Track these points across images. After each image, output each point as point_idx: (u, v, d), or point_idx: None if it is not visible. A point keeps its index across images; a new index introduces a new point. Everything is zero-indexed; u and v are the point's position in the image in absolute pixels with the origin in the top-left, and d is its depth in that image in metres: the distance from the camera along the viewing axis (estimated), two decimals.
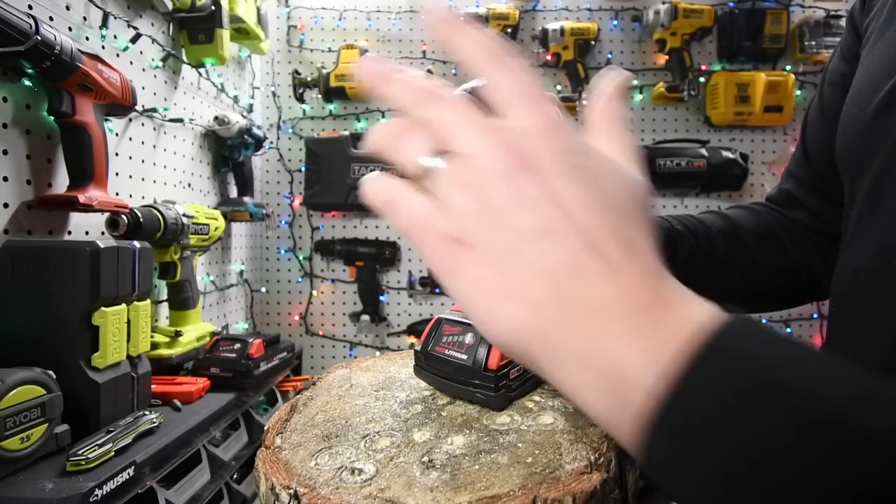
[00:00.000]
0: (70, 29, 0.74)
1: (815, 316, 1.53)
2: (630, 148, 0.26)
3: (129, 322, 0.64)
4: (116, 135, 0.85)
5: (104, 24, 0.80)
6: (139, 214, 0.77)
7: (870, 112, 0.40)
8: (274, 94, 1.49)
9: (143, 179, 0.93)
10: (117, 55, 0.85)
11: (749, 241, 0.54)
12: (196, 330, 0.91)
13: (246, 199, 1.23)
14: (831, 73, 0.53)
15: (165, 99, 1.00)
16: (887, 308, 0.38)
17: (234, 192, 1.27)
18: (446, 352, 0.42)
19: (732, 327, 0.19)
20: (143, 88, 0.93)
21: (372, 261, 1.45)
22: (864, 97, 0.41)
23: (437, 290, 1.48)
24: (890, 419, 0.17)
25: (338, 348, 1.51)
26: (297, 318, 1.50)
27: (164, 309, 0.95)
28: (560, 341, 0.20)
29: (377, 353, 1.48)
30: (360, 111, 1.49)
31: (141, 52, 0.91)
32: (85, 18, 0.77)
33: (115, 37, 0.84)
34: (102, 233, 0.77)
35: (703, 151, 1.44)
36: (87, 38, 0.78)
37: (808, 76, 1.49)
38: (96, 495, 0.49)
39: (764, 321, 1.51)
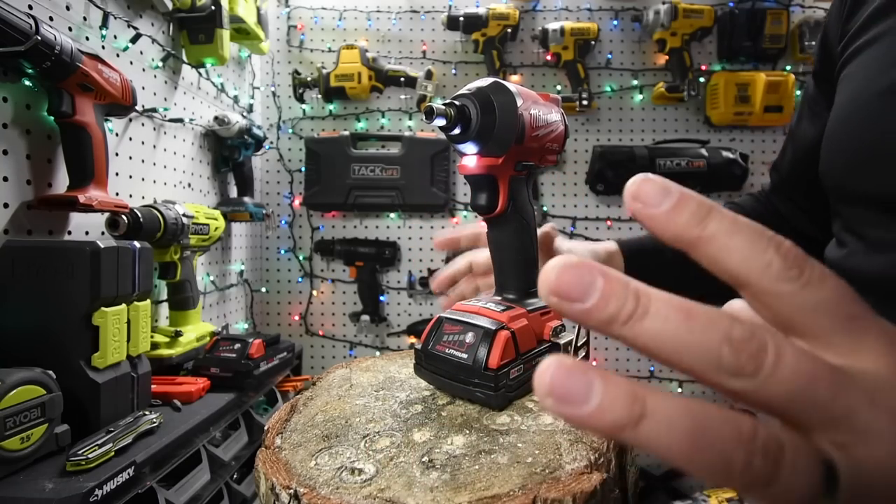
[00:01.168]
0: (70, 29, 0.74)
1: None
2: None
3: (129, 322, 0.64)
4: (116, 135, 0.85)
5: (104, 24, 0.80)
6: (139, 214, 0.77)
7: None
8: (274, 94, 1.49)
9: (143, 179, 0.93)
10: (117, 55, 0.85)
11: None
12: (196, 330, 0.91)
13: (246, 199, 1.23)
14: (808, 98, 0.58)
15: (165, 99, 1.00)
16: None
17: (234, 192, 1.27)
18: (447, 350, 0.42)
19: None
20: (143, 88, 0.93)
21: (372, 261, 1.45)
22: (865, 90, 0.40)
23: None
24: None
25: (338, 348, 1.51)
26: (297, 318, 1.50)
27: (164, 309, 0.95)
28: None
29: (377, 353, 1.48)
30: (360, 111, 1.49)
31: (141, 52, 0.91)
32: (85, 18, 0.77)
33: (115, 37, 0.84)
34: (102, 233, 0.77)
35: (703, 152, 1.44)
36: (87, 38, 0.78)
37: (808, 76, 1.49)
38: (96, 495, 0.49)
39: None
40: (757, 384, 0.15)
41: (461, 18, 1.42)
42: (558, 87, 1.49)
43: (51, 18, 0.71)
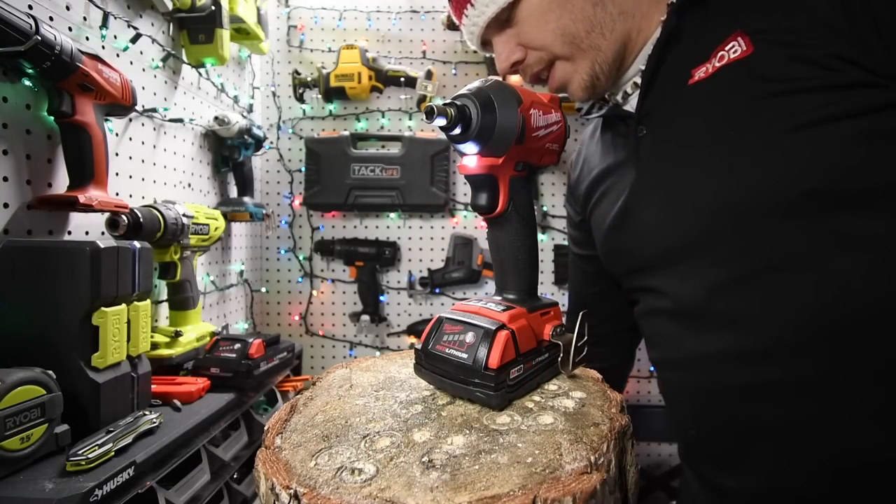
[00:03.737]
0: (70, 29, 0.74)
1: None
2: None
3: (129, 322, 0.64)
4: (116, 135, 0.85)
5: (104, 24, 0.80)
6: (139, 214, 0.77)
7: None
8: (274, 94, 1.49)
9: (143, 179, 0.93)
10: (117, 55, 0.85)
11: None
12: (196, 330, 0.91)
13: (246, 199, 1.23)
14: (573, 238, 0.86)
15: (165, 99, 1.00)
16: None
17: (234, 192, 1.27)
18: (447, 350, 0.42)
19: None
20: (143, 88, 0.93)
21: (372, 261, 1.45)
22: (607, 226, 0.69)
23: (437, 290, 1.48)
24: None
25: (338, 348, 1.51)
26: (297, 318, 1.50)
27: (164, 309, 0.95)
28: None
29: (377, 353, 1.48)
30: (360, 111, 1.49)
31: (141, 52, 0.91)
32: (85, 18, 0.77)
33: (115, 37, 0.84)
34: (102, 233, 0.77)
35: None
36: (87, 38, 0.78)
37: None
38: (96, 495, 0.49)
39: None
40: None
41: None
42: None
43: (51, 18, 0.71)
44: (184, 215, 0.86)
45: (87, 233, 0.77)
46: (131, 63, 0.89)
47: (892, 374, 0.46)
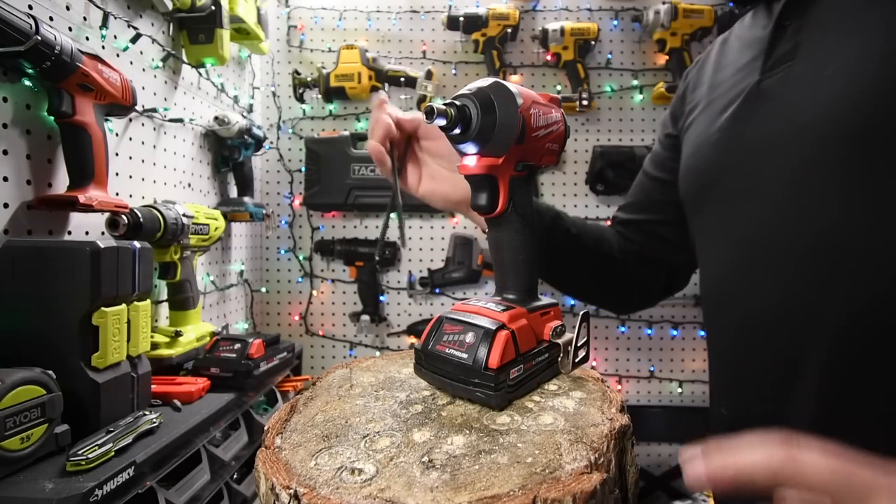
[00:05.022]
0: (70, 29, 0.74)
1: None
2: None
3: (129, 322, 0.64)
4: (116, 135, 0.85)
5: (104, 24, 0.80)
6: (139, 214, 0.77)
7: (714, 134, 0.56)
8: (274, 94, 1.49)
9: (143, 179, 0.93)
10: (117, 55, 0.85)
11: (595, 249, 0.72)
12: (196, 330, 0.91)
13: (246, 199, 1.23)
14: (654, 154, 0.75)
15: (165, 99, 1.00)
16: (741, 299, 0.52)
17: (234, 192, 1.27)
18: (447, 350, 0.42)
19: None
20: (143, 88, 0.93)
21: (372, 261, 1.45)
22: (703, 139, 0.59)
23: (437, 290, 1.48)
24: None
25: (338, 348, 1.51)
26: (297, 318, 1.50)
27: (164, 309, 0.95)
28: None
29: (377, 353, 1.48)
30: (360, 111, 1.49)
31: (141, 52, 0.91)
32: (85, 18, 0.77)
33: (115, 37, 0.84)
34: (102, 233, 0.77)
35: None
36: (87, 38, 0.78)
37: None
38: (96, 495, 0.49)
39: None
40: None
41: (461, 18, 1.42)
42: (558, 87, 1.49)
43: (51, 18, 0.71)
44: (184, 215, 0.87)
45: (87, 233, 0.77)
46: (131, 63, 0.89)
47: None
